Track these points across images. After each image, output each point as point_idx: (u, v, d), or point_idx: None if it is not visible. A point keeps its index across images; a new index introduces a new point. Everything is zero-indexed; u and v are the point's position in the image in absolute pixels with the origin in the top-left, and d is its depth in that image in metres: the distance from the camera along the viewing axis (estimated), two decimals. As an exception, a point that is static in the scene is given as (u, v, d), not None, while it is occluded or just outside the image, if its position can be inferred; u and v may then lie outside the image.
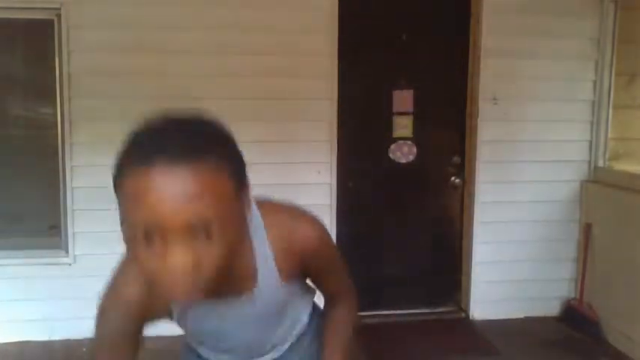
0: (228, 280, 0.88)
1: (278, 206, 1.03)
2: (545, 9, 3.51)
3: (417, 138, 3.63)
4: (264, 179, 3.39)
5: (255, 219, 0.97)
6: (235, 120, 3.90)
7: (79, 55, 3.19)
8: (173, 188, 0.69)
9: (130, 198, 0.72)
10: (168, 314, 1.01)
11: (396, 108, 3.60)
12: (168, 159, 0.70)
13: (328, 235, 1.07)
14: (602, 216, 3.49)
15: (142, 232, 0.71)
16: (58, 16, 3.17)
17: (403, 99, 3.59)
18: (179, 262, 0.72)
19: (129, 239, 0.74)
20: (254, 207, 0.97)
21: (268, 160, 3.34)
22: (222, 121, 0.82)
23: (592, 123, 3.65)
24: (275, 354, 1.18)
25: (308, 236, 1.00)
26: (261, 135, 3.33)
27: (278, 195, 1.03)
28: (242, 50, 3.29)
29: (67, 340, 3.29)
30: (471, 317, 3.67)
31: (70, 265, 3.29)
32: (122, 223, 0.75)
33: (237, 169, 0.79)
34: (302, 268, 1.03)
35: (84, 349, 3.22)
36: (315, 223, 1.04)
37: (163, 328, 3.76)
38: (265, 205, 1.00)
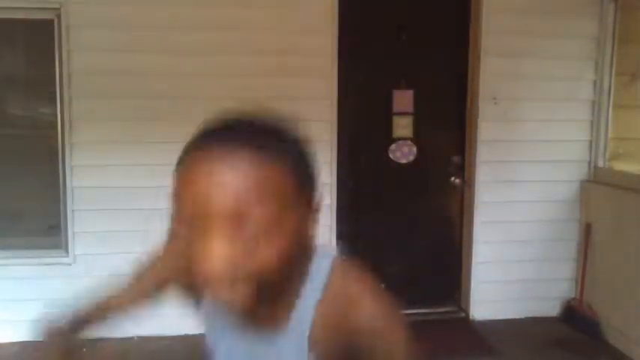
0: (266, 305, 0.76)
1: (358, 272, 0.83)
2: (545, 9, 3.51)
3: (417, 138, 3.63)
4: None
5: (322, 266, 0.81)
6: (235, 120, 3.78)
7: (79, 55, 3.20)
8: (224, 174, 0.65)
9: (182, 178, 0.69)
10: (195, 302, 0.90)
11: (396, 108, 3.60)
12: (226, 145, 0.67)
13: (404, 335, 0.80)
14: (602, 216, 3.49)
15: (187, 215, 0.67)
16: (58, 16, 3.17)
17: (403, 99, 3.59)
18: (216, 253, 0.65)
19: (173, 223, 0.70)
20: (329, 257, 0.82)
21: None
22: (301, 130, 0.76)
23: (592, 123, 3.65)
24: None
25: (372, 314, 0.78)
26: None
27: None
28: (242, 50, 3.29)
29: (67, 340, 3.29)
30: (470, 317, 3.67)
31: (70, 265, 3.29)
32: (171, 205, 0.71)
33: (303, 178, 0.72)
34: (345, 353, 0.79)
35: (84, 350, 3.22)
36: (393, 310, 0.80)
37: (163, 329, 3.73)
38: (344, 262, 0.83)
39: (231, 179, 0.65)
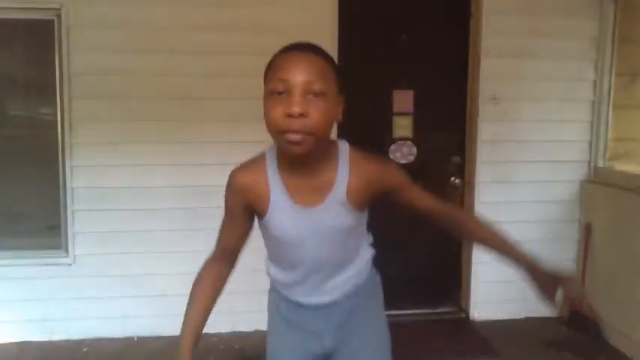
0: (316, 167, 1.27)
1: (364, 152, 1.38)
2: (545, 9, 3.51)
3: (417, 138, 3.63)
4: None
5: (343, 148, 1.34)
6: (235, 120, 3.88)
7: (79, 55, 3.20)
8: (300, 63, 1.18)
9: (273, 68, 1.22)
10: (262, 209, 1.32)
11: (396, 108, 3.60)
12: (298, 50, 1.23)
13: (402, 172, 1.46)
14: (602, 216, 3.49)
15: (276, 86, 1.17)
16: (58, 16, 3.17)
17: (403, 99, 3.60)
18: (297, 107, 1.13)
19: (267, 95, 1.21)
20: (345, 144, 1.36)
21: (268, 160, 3.33)
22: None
23: (592, 123, 3.65)
24: (334, 294, 1.43)
25: (379, 165, 1.38)
26: (261, 135, 3.32)
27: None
28: (242, 50, 3.29)
29: (67, 340, 3.29)
30: (471, 317, 3.67)
31: (70, 265, 3.29)
32: (266, 85, 1.24)
33: (339, 79, 1.25)
34: (373, 193, 1.36)
35: (84, 349, 3.22)
36: (390, 161, 1.35)
37: (163, 329, 3.72)
38: (355, 148, 1.38)
39: (306, 64, 1.19)
